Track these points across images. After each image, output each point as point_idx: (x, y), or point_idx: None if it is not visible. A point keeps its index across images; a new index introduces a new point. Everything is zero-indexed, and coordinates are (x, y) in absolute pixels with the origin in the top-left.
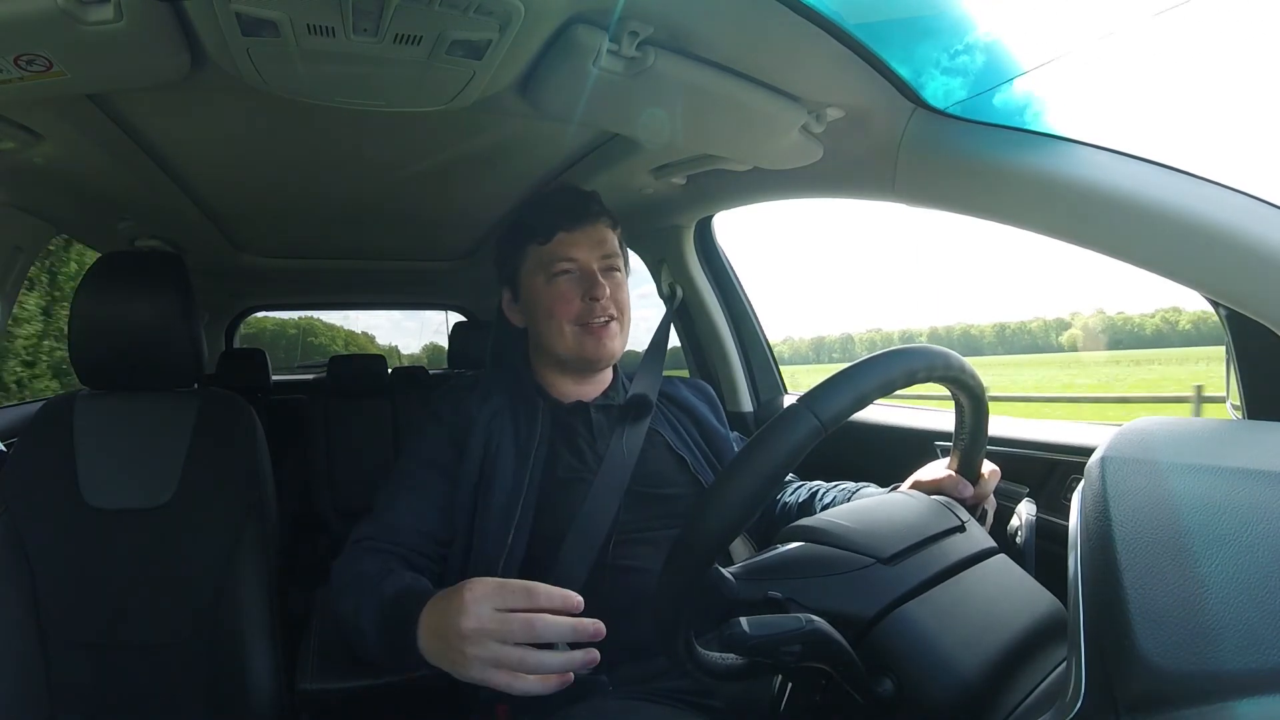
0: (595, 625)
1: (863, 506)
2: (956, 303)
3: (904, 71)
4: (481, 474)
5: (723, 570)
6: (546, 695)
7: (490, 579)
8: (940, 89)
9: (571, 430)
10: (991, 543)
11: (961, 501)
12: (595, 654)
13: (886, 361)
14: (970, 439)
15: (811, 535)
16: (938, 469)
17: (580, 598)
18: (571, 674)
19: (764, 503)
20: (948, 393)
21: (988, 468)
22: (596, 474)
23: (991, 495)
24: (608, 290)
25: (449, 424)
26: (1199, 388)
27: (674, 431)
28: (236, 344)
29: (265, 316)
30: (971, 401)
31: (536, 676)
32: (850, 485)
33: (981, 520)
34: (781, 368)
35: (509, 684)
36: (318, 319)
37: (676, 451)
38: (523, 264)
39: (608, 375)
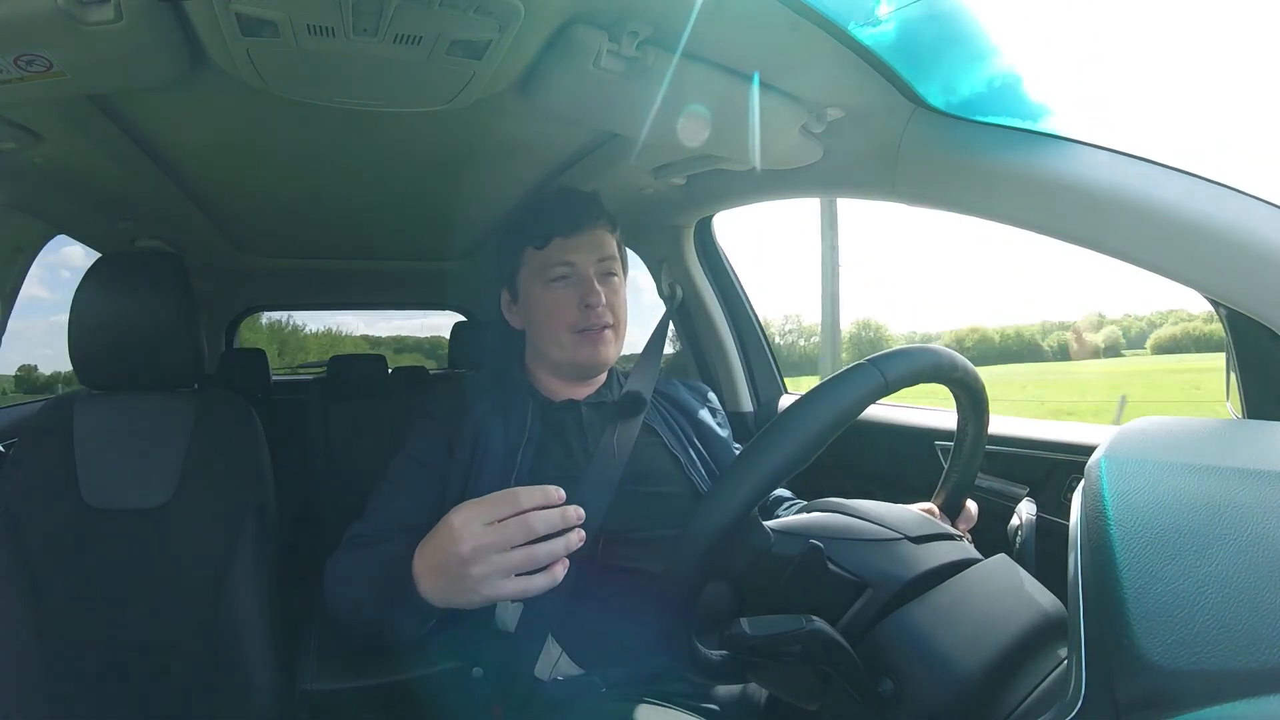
0: (576, 509)
1: (878, 503)
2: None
3: (904, 71)
4: (469, 473)
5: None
6: (541, 696)
7: (468, 501)
8: (940, 89)
9: (562, 428)
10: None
11: None
12: (583, 533)
13: (944, 354)
14: (963, 469)
15: (842, 509)
16: (921, 506)
17: (561, 490)
18: (567, 561)
19: (823, 446)
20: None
21: (970, 506)
22: (586, 472)
23: (968, 535)
24: (604, 297)
25: (440, 423)
26: None
27: (670, 431)
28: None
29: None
30: (976, 427)
31: (543, 573)
32: None
33: None
34: None
35: (524, 589)
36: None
37: (672, 451)
38: (520, 268)
39: (602, 374)
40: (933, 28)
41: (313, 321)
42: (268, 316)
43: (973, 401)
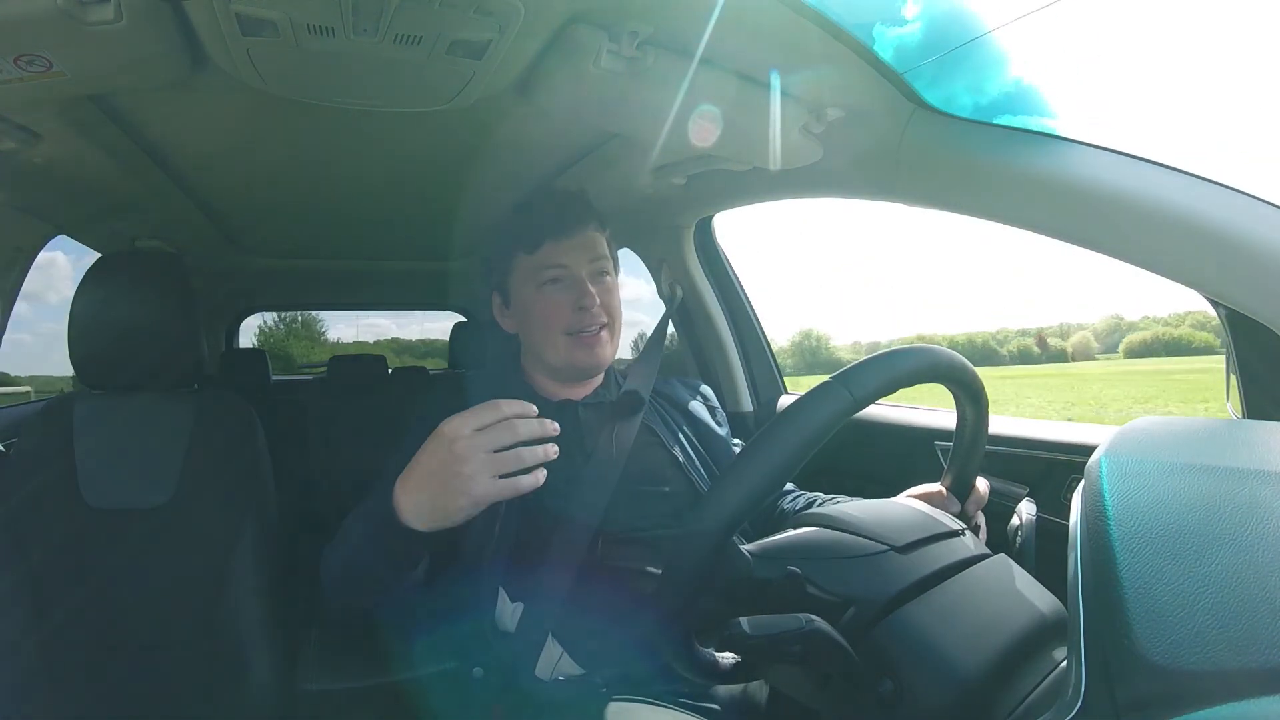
0: (552, 423)
1: (872, 503)
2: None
3: (904, 72)
4: None
5: (740, 545)
6: (541, 696)
7: (454, 416)
8: (940, 88)
9: (559, 428)
10: (989, 552)
11: None
12: (554, 447)
13: (916, 354)
14: (966, 453)
15: (826, 522)
16: (929, 487)
17: (534, 406)
18: (544, 471)
19: (793, 472)
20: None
21: (979, 485)
22: (584, 472)
23: (981, 515)
24: (598, 299)
25: (435, 424)
26: None
27: (669, 430)
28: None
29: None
30: (975, 412)
31: (528, 475)
32: (847, 498)
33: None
34: None
35: (512, 487)
36: None
37: (670, 450)
38: (512, 272)
39: (599, 374)
40: (933, 26)
41: (351, 328)
42: (333, 333)
43: (965, 391)
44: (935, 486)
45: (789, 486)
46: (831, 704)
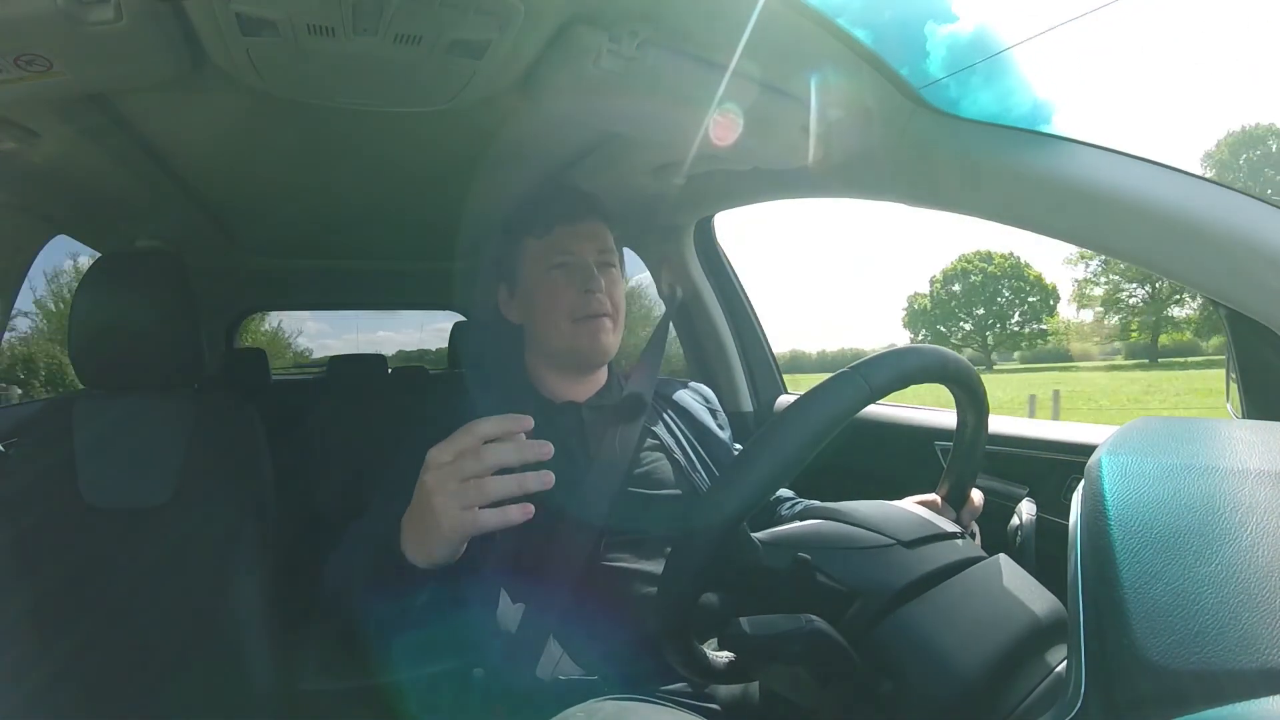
0: (543, 445)
1: (876, 502)
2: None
3: (904, 71)
4: None
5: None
6: (541, 696)
7: (438, 443)
8: (939, 87)
9: (562, 430)
10: (987, 555)
11: None
12: (549, 475)
13: (927, 353)
14: (964, 460)
15: (833, 515)
16: (925, 497)
17: (530, 418)
18: (531, 506)
19: (806, 460)
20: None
21: (975, 495)
22: (587, 474)
23: (975, 524)
24: (603, 284)
25: (441, 426)
26: None
27: (670, 433)
28: None
29: None
30: (975, 419)
31: (497, 510)
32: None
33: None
34: None
35: (474, 522)
36: None
37: (672, 453)
38: (520, 258)
39: (602, 375)
40: (933, 26)
41: (417, 333)
42: (399, 340)
43: (969, 395)
44: (931, 496)
45: (789, 494)
46: (831, 704)
